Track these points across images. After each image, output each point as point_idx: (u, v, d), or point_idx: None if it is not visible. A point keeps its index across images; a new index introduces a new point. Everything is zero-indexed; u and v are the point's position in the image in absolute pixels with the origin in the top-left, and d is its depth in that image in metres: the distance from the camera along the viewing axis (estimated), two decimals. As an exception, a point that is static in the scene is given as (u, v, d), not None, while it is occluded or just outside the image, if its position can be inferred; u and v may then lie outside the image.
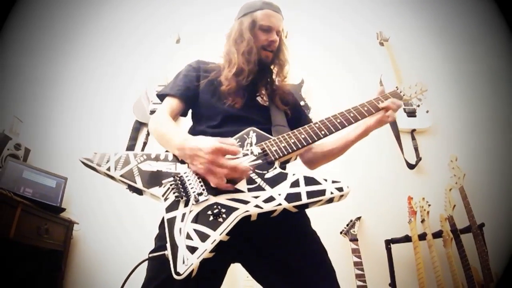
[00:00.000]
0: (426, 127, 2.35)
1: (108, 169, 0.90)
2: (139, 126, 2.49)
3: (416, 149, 2.28)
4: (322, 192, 0.82)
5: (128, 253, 2.08)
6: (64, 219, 2.07)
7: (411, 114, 2.34)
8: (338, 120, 0.98)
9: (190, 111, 1.19)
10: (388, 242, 1.96)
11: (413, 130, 2.35)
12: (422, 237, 1.86)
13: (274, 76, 1.21)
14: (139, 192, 0.89)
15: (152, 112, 2.44)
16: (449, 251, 1.79)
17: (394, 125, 2.35)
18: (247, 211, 0.80)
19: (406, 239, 1.92)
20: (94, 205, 2.26)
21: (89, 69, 2.84)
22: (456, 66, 2.63)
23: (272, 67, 1.20)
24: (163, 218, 0.88)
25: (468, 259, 1.72)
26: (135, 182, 0.88)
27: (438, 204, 1.97)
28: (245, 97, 1.10)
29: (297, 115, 1.21)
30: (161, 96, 1.15)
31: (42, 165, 2.18)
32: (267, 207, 0.80)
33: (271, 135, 1.01)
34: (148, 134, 2.44)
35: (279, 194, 0.83)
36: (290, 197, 0.82)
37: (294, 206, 0.81)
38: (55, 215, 2.00)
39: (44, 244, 1.87)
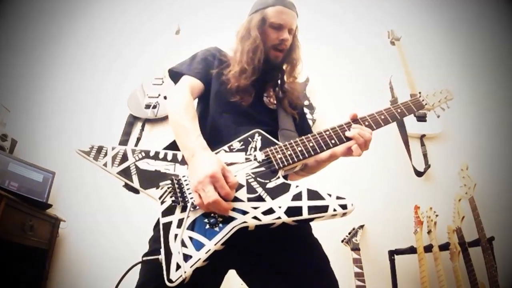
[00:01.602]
0: (437, 133, 2.34)
1: (105, 164, 0.92)
2: (133, 120, 2.49)
3: (425, 156, 2.28)
4: (324, 209, 0.82)
5: (118, 253, 2.07)
6: (50, 216, 2.06)
7: (421, 118, 2.34)
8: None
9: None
10: (392, 253, 1.96)
11: (423, 136, 2.35)
12: (428, 249, 1.85)
13: (285, 77, 1.21)
14: (136, 191, 0.90)
15: (148, 106, 2.44)
16: (455, 265, 1.78)
17: (403, 129, 2.34)
18: (244, 222, 0.81)
19: (411, 250, 1.91)
20: (83, 201, 2.25)
21: (82, 60, 2.83)
22: (470, 69, 2.63)
23: (285, 66, 1.20)
24: (158, 220, 0.90)
25: (476, 274, 1.71)
26: (132, 181, 0.89)
27: (446, 214, 1.97)
28: (253, 96, 1.10)
29: (300, 123, 1.21)
30: (175, 74, 1.14)
31: (29, 158, 2.17)
32: (266, 219, 0.81)
33: (277, 138, 1.00)
34: (142, 129, 2.44)
35: (280, 207, 0.83)
36: (290, 211, 0.82)
37: (294, 221, 0.82)
38: (41, 211, 1.99)
39: (28, 242, 1.86)
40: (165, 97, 2.46)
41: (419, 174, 2.24)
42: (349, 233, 1.98)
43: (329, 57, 2.70)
